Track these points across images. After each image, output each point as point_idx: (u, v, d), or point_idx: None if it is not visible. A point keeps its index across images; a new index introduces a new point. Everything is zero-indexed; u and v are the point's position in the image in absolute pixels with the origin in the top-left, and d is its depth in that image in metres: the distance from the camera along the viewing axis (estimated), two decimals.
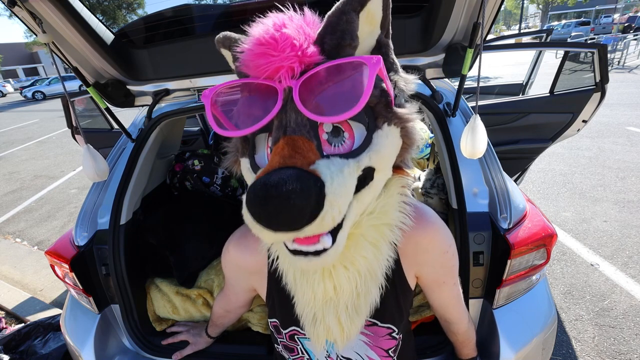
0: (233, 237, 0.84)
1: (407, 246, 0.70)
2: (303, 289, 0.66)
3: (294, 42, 0.50)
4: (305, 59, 0.51)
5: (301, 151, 0.50)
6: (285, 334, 0.80)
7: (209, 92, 0.56)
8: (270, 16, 0.54)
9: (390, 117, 0.55)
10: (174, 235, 1.52)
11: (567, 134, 2.42)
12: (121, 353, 1.30)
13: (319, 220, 0.46)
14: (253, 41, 0.52)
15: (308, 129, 0.52)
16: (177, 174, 1.94)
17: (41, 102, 20.34)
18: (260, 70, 0.52)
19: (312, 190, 0.45)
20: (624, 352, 1.85)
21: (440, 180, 1.63)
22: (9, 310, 2.53)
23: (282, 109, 0.52)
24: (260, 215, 0.45)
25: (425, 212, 0.74)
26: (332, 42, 0.53)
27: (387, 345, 0.78)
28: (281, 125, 0.52)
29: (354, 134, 0.54)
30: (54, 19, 1.00)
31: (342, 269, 0.62)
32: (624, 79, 9.26)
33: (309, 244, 0.51)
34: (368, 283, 0.65)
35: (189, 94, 1.36)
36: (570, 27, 25.33)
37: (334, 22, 0.54)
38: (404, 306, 0.77)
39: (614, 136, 5.11)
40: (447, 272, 0.78)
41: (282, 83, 0.51)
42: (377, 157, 0.54)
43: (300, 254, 0.53)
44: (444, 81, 1.37)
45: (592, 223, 3.05)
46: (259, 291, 0.87)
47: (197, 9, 1.19)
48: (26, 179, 5.91)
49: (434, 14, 1.01)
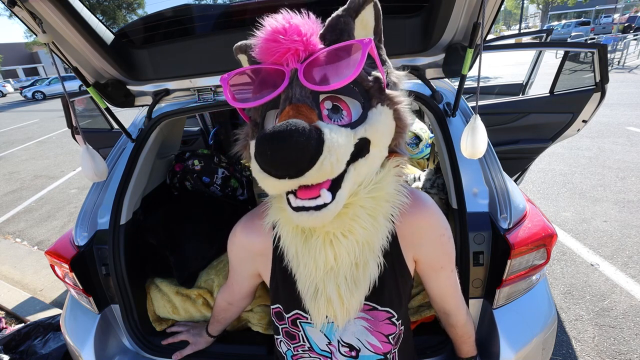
0: (241, 221, 0.88)
1: (405, 227, 0.74)
2: (305, 260, 0.70)
3: (301, 30, 0.58)
4: (310, 46, 0.60)
5: (304, 113, 0.57)
6: (288, 318, 0.82)
7: (227, 75, 0.66)
8: (281, 13, 0.62)
9: (383, 98, 0.63)
10: (174, 235, 1.52)
11: (567, 134, 2.42)
12: (121, 353, 1.30)
13: (318, 164, 0.52)
14: (266, 30, 0.60)
15: (311, 100, 0.59)
16: (177, 174, 1.94)
17: (41, 102, 20.34)
18: (270, 53, 0.60)
19: (312, 133, 0.51)
20: (624, 352, 1.85)
21: (440, 180, 1.63)
22: (9, 310, 2.53)
23: (289, 85, 0.60)
24: (267, 156, 0.52)
25: (421, 195, 0.78)
26: (332, 38, 0.63)
27: (387, 330, 0.79)
28: (287, 97, 0.60)
29: (351, 111, 0.62)
30: (54, 19, 1.00)
31: (341, 237, 0.66)
32: (624, 79, 9.26)
33: (310, 196, 0.57)
34: (366, 254, 0.69)
35: (189, 94, 1.36)
36: (570, 27, 25.34)
37: (333, 23, 0.64)
38: (403, 291, 0.79)
39: (614, 136, 5.11)
40: (443, 256, 0.80)
41: (289, 66, 0.60)
42: (372, 130, 0.61)
43: (302, 209, 0.58)
44: (444, 81, 1.37)
45: (592, 223, 3.05)
46: (263, 275, 0.89)
47: (197, 9, 1.19)
48: (26, 179, 5.91)
49: (434, 14, 1.02)
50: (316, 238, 0.68)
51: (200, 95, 1.32)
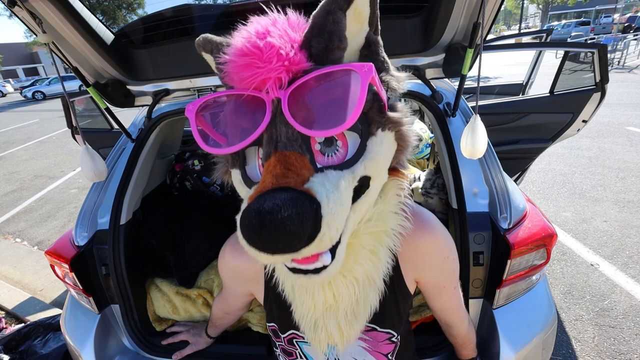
0: (229, 242, 0.83)
1: (406, 250, 0.70)
2: (302, 297, 0.66)
3: (280, 52, 0.47)
4: (293, 67, 0.48)
5: (294, 168, 0.48)
6: (284, 337, 0.80)
7: (193, 105, 0.53)
8: (253, 21, 0.52)
9: (384, 122, 0.53)
10: (174, 235, 1.52)
11: (567, 134, 2.42)
12: (121, 353, 1.30)
13: (316, 241, 0.45)
14: (236, 52, 0.49)
15: (300, 143, 0.50)
16: (177, 174, 1.94)
17: (41, 102, 20.33)
18: (245, 83, 0.49)
19: (308, 214, 0.43)
20: (624, 352, 1.85)
21: (440, 180, 1.63)
22: (9, 310, 2.53)
23: (272, 121, 0.50)
24: (256, 242, 0.44)
25: (425, 216, 0.73)
26: (319, 46, 0.51)
27: (386, 349, 0.78)
28: (271, 139, 0.50)
29: (348, 142, 0.52)
30: (54, 19, 1.00)
31: (340, 278, 0.62)
32: (624, 79, 9.26)
33: (307, 263, 0.50)
34: (366, 289, 0.65)
35: (189, 94, 1.37)
36: (570, 27, 25.32)
37: (320, 23, 0.51)
38: (404, 310, 0.77)
39: (614, 136, 5.10)
40: (447, 277, 0.77)
41: (270, 94, 0.49)
42: (372, 165, 0.52)
43: (299, 272, 0.52)
44: (444, 81, 1.37)
45: (592, 223, 3.05)
46: (256, 296, 0.87)
47: (197, 9, 1.19)
48: (26, 179, 5.91)
49: (434, 14, 1.02)
50: None
51: (200, 95, 1.32)
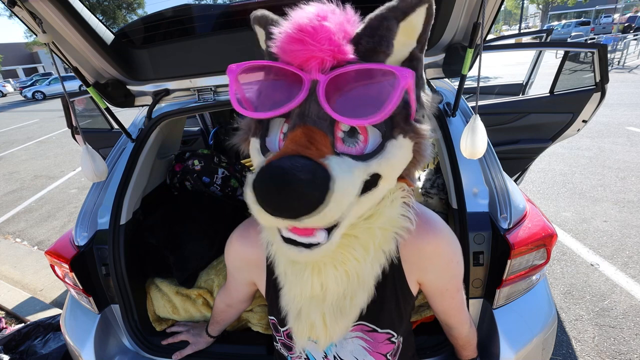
0: (237, 229, 0.86)
1: (410, 252, 0.70)
2: (291, 282, 0.67)
3: (332, 37, 0.50)
4: (338, 56, 0.51)
5: (316, 143, 0.50)
6: (284, 332, 0.80)
7: (236, 67, 0.56)
8: (314, 4, 0.54)
9: (407, 129, 0.55)
10: (174, 235, 1.52)
11: (567, 134, 2.42)
12: (121, 353, 1.30)
13: (320, 215, 0.46)
14: (293, 25, 0.51)
15: (327, 124, 0.52)
16: (177, 174, 1.94)
17: (41, 102, 20.33)
18: (292, 55, 0.51)
19: (320, 182, 0.45)
20: (624, 352, 1.85)
21: (440, 180, 1.64)
22: (9, 310, 2.53)
23: (307, 98, 0.52)
24: (264, 196, 0.46)
25: (431, 219, 0.73)
26: (368, 45, 0.53)
27: (386, 349, 0.78)
28: (302, 114, 0.52)
29: (369, 138, 0.54)
30: (54, 19, 1.00)
31: (331, 269, 0.62)
32: (624, 79, 9.26)
33: (304, 235, 0.52)
34: (355, 286, 0.65)
35: (189, 94, 1.36)
36: (570, 27, 25.34)
37: (374, 25, 0.54)
38: (405, 311, 0.77)
39: (614, 136, 5.10)
40: (451, 280, 0.77)
41: (311, 74, 0.51)
42: (387, 165, 0.54)
43: (292, 242, 0.53)
44: (444, 81, 1.37)
45: (592, 223, 3.05)
46: (258, 286, 0.88)
47: (197, 9, 1.19)
48: (26, 179, 5.91)
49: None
50: (305, 264, 0.64)
51: (200, 95, 1.32)
